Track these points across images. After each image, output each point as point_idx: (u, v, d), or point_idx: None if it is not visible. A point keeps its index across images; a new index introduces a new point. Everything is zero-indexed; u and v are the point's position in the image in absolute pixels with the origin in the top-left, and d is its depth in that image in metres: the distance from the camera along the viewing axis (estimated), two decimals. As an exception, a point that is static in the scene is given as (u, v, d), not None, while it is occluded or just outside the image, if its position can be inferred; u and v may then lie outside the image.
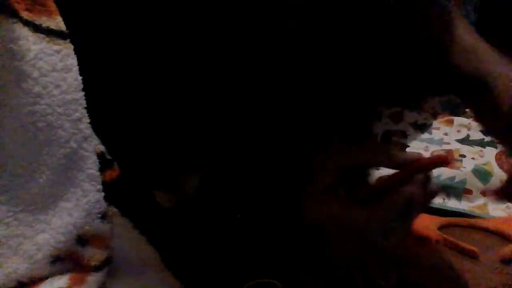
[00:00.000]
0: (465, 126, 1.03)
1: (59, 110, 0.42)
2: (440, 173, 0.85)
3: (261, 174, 0.51)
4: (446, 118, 1.06)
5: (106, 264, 0.45)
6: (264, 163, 0.50)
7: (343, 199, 0.45)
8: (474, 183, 0.83)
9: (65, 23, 0.43)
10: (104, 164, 0.46)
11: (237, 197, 0.54)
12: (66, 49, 0.43)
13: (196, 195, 0.55)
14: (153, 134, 0.52)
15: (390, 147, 0.50)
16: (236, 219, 0.55)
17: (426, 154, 0.93)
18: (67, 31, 0.43)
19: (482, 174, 0.85)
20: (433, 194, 0.45)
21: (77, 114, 0.43)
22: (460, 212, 0.77)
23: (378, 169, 0.49)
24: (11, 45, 0.39)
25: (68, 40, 0.43)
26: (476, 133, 1.00)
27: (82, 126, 0.44)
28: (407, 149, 0.97)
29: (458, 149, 0.96)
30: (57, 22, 0.43)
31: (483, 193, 0.82)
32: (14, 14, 0.40)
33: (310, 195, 0.46)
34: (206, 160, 0.54)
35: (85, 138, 0.44)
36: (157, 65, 0.49)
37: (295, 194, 0.48)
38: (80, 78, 0.43)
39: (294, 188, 0.48)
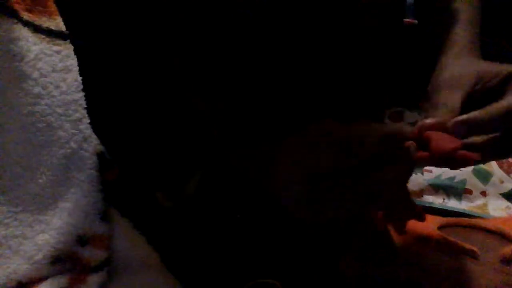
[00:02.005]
0: (465, 126, 1.03)
1: (59, 110, 0.42)
2: (440, 173, 0.85)
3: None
4: (446, 118, 1.06)
5: (106, 264, 0.45)
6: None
7: None
8: (474, 183, 0.83)
9: (65, 24, 0.43)
10: (104, 164, 0.46)
11: (237, 197, 0.54)
12: (66, 49, 0.43)
13: (196, 195, 0.55)
14: (153, 134, 0.52)
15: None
16: (236, 219, 0.55)
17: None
18: (67, 32, 0.43)
19: (482, 174, 0.85)
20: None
21: (77, 115, 0.43)
22: (460, 212, 0.76)
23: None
24: (11, 46, 0.39)
25: (68, 41, 0.43)
26: (476, 133, 1.00)
27: (82, 126, 0.44)
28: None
29: (458, 148, 0.96)
30: (57, 23, 0.43)
31: (483, 193, 0.82)
32: (14, 15, 0.40)
33: None
34: (206, 160, 0.54)
35: (85, 139, 0.44)
36: (156, 66, 0.49)
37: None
38: (80, 78, 0.43)
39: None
